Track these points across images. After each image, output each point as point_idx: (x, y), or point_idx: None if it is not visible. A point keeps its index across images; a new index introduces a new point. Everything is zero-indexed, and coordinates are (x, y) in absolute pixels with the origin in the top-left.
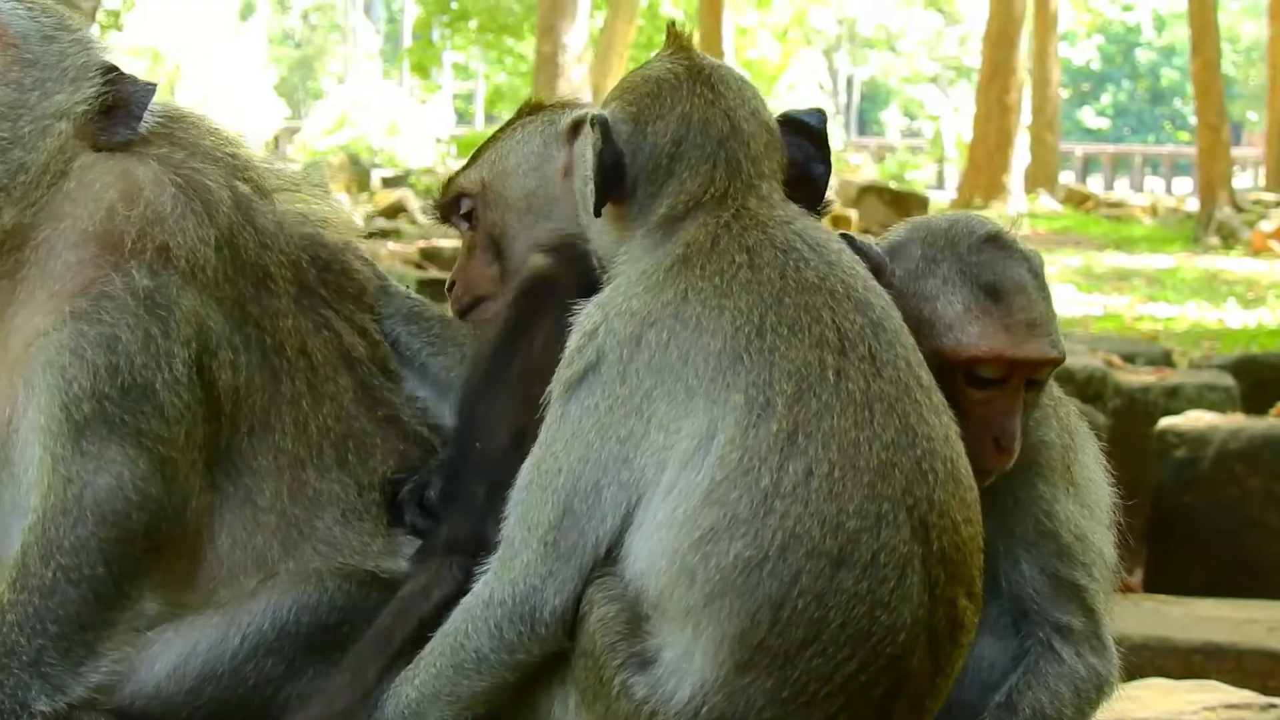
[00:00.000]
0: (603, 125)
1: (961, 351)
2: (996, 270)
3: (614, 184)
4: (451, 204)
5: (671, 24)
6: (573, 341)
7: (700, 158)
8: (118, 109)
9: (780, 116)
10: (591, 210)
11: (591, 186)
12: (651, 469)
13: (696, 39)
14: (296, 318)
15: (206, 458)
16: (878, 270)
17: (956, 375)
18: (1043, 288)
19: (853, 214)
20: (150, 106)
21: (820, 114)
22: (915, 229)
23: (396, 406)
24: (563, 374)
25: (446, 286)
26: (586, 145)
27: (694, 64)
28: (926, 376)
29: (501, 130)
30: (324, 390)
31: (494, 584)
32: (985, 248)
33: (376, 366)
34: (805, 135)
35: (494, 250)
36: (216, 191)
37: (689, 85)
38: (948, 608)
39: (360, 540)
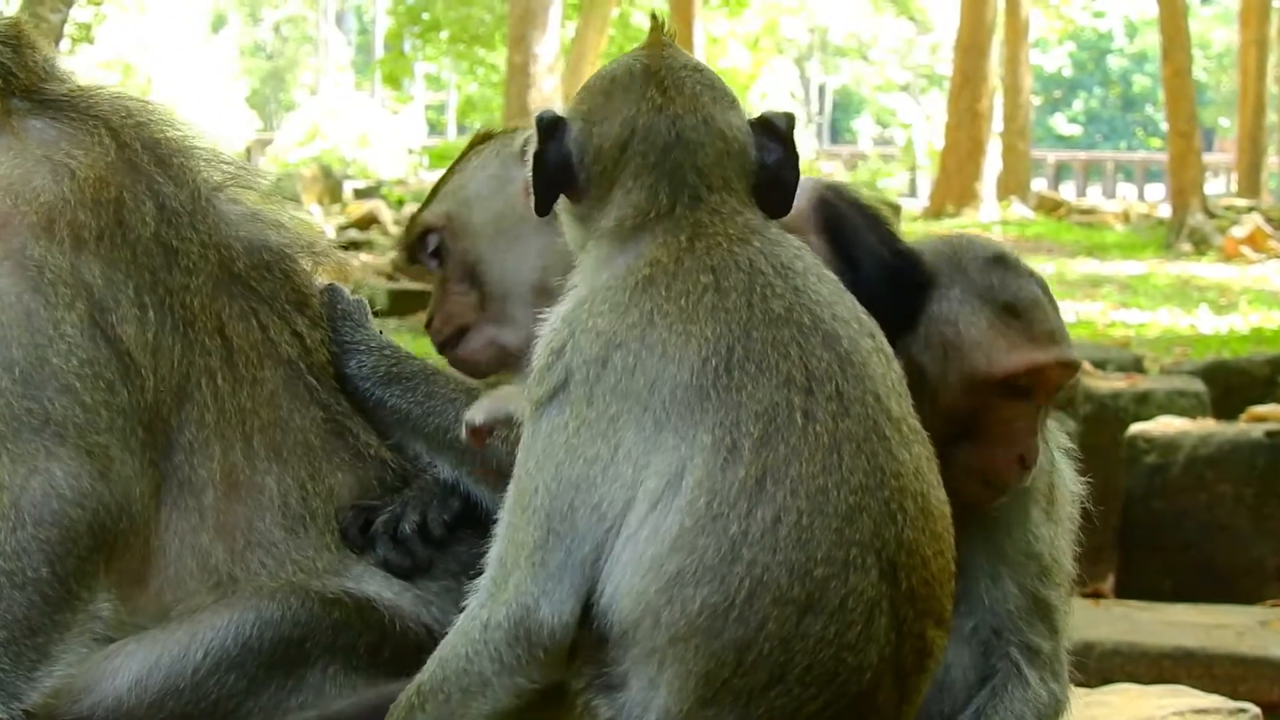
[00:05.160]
0: (547, 125)
1: (995, 369)
2: (1010, 288)
3: (564, 183)
4: (418, 242)
5: (653, 15)
6: (539, 358)
7: (644, 167)
8: None
9: (755, 120)
10: (534, 209)
11: (530, 186)
12: (620, 504)
13: (672, 32)
14: (213, 300)
15: (139, 429)
16: None
17: (983, 395)
18: (1053, 300)
19: None
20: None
21: (787, 117)
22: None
23: (338, 413)
24: (533, 392)
25: (425, 324)
26: (530, 145)
27: (652, 63)
28: (896, 407)
29: (456, 163)
30: (243, 374)
31: (490, 606)
32: (993, 267)
33: (313, 372)
34: (776, 139)
35: (470, 278)
36: (82, 156)
37: (640, 87)
38: (915, 641)
39: (305, 555)
